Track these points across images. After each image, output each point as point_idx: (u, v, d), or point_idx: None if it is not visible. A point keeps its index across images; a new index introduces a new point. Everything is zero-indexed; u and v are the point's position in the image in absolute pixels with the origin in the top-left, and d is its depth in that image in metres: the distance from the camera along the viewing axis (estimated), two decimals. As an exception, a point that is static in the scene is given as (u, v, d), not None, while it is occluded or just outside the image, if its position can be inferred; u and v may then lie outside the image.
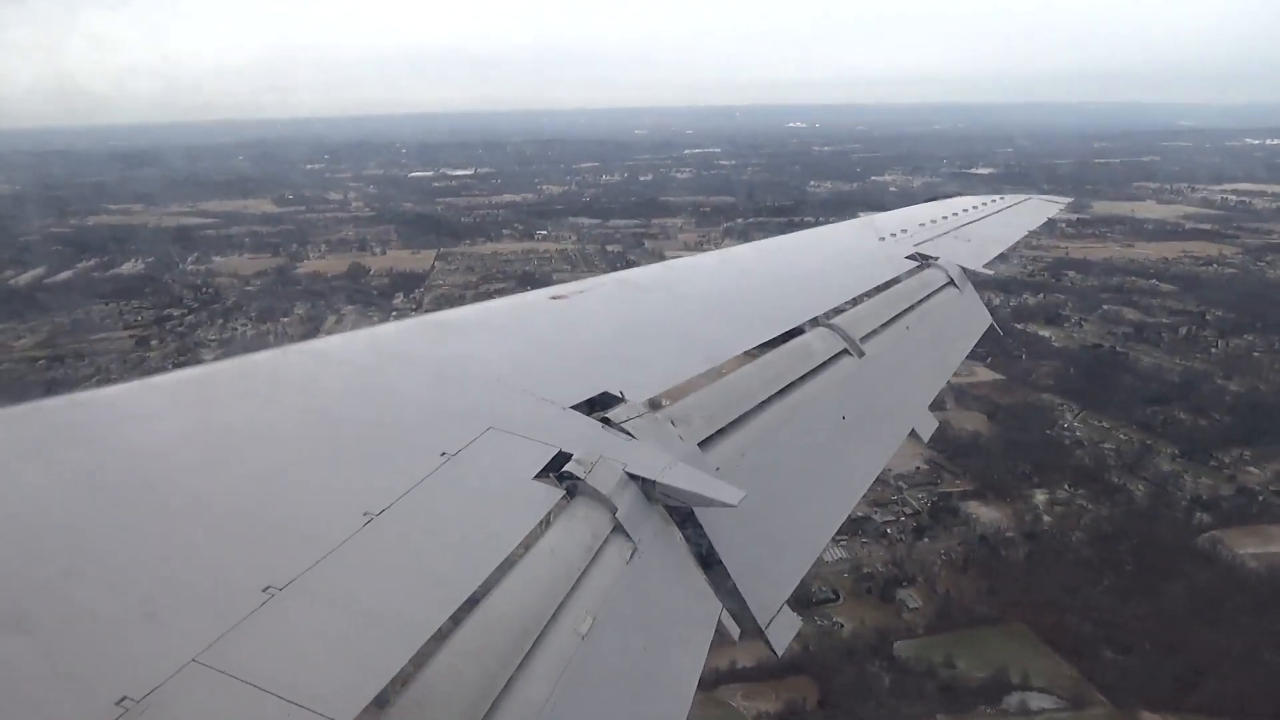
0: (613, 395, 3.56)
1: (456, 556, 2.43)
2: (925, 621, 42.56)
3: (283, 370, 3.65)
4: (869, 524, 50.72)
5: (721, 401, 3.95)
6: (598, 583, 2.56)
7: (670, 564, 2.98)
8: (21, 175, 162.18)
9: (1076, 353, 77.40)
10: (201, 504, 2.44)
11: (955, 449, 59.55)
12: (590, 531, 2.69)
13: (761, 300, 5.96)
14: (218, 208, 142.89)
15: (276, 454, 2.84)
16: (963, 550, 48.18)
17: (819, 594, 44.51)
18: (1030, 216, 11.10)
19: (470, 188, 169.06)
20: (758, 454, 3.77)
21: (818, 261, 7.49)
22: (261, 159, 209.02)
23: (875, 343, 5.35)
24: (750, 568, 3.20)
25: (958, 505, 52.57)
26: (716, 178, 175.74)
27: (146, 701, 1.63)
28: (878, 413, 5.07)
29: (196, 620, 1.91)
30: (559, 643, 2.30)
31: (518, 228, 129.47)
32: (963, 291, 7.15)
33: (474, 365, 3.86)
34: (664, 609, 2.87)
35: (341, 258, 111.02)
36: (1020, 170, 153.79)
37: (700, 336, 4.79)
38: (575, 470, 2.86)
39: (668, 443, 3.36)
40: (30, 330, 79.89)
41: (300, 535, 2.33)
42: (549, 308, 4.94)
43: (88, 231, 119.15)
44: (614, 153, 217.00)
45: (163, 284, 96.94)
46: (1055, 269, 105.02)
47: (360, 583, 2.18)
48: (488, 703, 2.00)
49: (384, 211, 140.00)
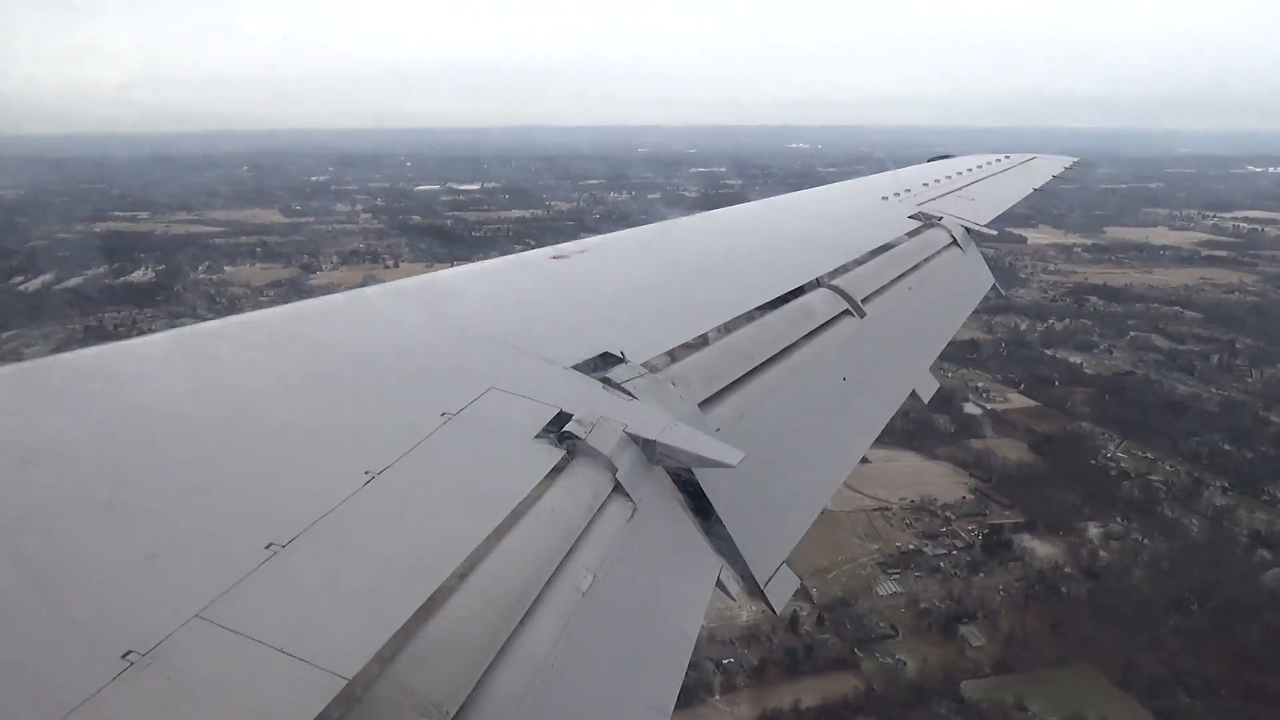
0: (613, 355, 3.52)
1: (458, 515, 2.42)
2: (990, 660, 40.97)
3: (284, 328, 3.57)
4: (921, 557, 49.27)
5: (722, 362, 3.92)
6: (598, 541, 2.56)
7: (670, 523, 2.98)
8: (25, 181, 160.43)
9: (1110, 380, 76.12)
10: (204, 461, 2.43)
11: (1001, 479, 58.18)
12: (591, 491, 2.69)
13: (763, 260, 5.88)
14: (224, 216, 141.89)
15: (278, 412, 2.80)
16: (1021, 586, 46.62)
17: (877, 629, 42.92)
18: (1035, 175, 10.82)
19: (479, 202, 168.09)
20: (758, 415, 3.75)
21: (820, 221, 7.35)
22: (266, 169, 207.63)
23: (877, 303, 5.30)
24: (749, 527, 3.17)
25: (1010, 538, 51.07)
26: (725, 196, 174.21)
27: (152, 655, 1.65)
28: (879, 374, 5.02)
29: (200, 576, 1.92)
30: (560, 599, 2.30)
31: (530, 243, 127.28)
32: (966, 251, 7.00)
33: (475, 325, 3.84)
34: (664, 567, 2.86)
35: (354, 269, 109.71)
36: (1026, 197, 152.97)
37: (701, 297, 4.73)
38: (576, 430, 2.83)
39: (668, 403, 3.34)
40: (42, 337, 78.03)
41: (302, 493, 2.31)
42: (550, 267, 4.89)
43: (95, 238, 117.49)
44: (620, 170, 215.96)
45: (175, 292, 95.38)
46: (1077, 294, 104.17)
47: (362, 540, 2.18)
48: (489, 657, 2.02)
49: (394, 224, 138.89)
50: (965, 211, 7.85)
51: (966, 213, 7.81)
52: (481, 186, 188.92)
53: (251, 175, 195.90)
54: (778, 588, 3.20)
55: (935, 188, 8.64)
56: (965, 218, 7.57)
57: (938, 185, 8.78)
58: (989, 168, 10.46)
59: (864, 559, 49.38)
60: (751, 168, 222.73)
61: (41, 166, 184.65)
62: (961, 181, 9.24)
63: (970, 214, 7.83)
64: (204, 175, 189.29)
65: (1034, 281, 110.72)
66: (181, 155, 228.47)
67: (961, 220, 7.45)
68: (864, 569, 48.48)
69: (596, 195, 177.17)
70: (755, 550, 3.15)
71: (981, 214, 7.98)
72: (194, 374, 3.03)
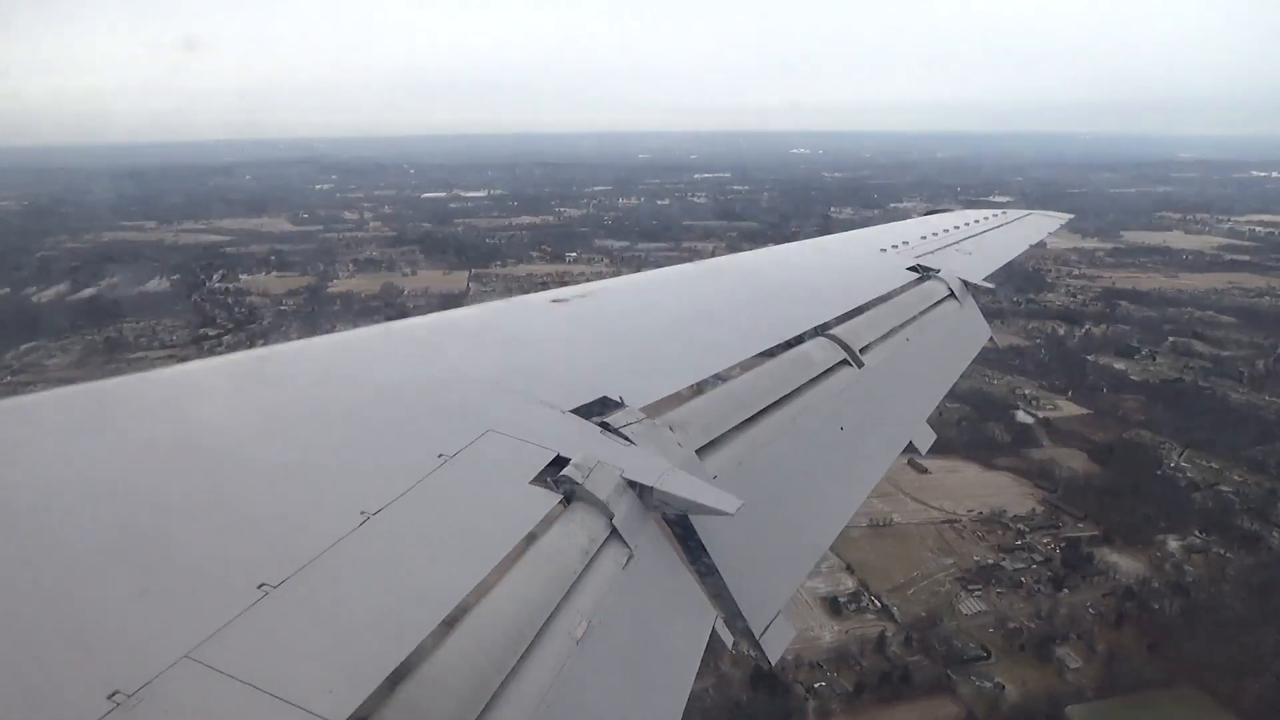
0: (612, 400, 3.52)
1: (452, 558, 2.39)
2: (1091, 683, 39.09)
3: (281, 368, 3.56)
4: (1000, 571, 47.45)
5: (720, 409, 3.92)
6: (593, 588, 2.53)
7: (666, 571, 2.96)
8: (26, 192, 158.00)
9: (1158, 387, 74.64)
10: (197, 500, 2.43)
11: (1067, 489, 56.47)
12: (587, 536, 2.67)
13: (762, 308, 5.87)
14: (233, 225, 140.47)
15: (273, 451, 2.79)
16: (1110, 603, 44.78)
17: (969, 651, 41.03)
18: (1031, 230, 10.87)
19: (487, 209, 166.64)
20: (756, 462, 3.74)
21: (819, 271, 7.44)
22: (269, 177, 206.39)
23: (875, 354, 5.29)
24: (746, 576, 3.17)
25: (1089, 552, 49.26)
26: (734, 202, 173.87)
27: (138, 696, 1.64)
28: (876, 424, 4.99)
29: (190, 616, 1.90)
30: (553, 647, 2.28)
31: (545, 250, 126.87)
32: (963, 304, 7.05)
33: (473, 367, 3.83)
34: (659, 615, 2.85)
35: (371, 277, 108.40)
36: (1040, 198, 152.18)
37: (700, 343, 4.74)
38: (573, 474, 2.83)
39: (666, 449, 3.34)
40: (61, 349, 76.01)
41: (296, 533, 2.29)
42: (549, 311, 4.87)
43: (104, 248, 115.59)
44: (625, 176, 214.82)
45: (193, 302, 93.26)
46: (1107, 298, 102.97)
47: (355, 582, 2.16)
48: (482, 704, 2.01)
49: (405, 232, 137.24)
50: (962, 265, 7.83)
51: (963, 266, 7.76)
52: (488, 193, 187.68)
53: (255, 184, 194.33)
54: (773, 638, 3.16)
55: (932, 241, 8.64)
56: (962, 271, 7.54)
57: (935, 239, 8.77)
58: (985, 222, 10.44)
59: (940, 574, 47.59)
60: (756, 173, 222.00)
61: (40, 177, 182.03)
62: (958, 235, 9.26)
63: (967, 267, 7.77)
64: (207, 184, 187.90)
65: (1060, 286, 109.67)
66: (180, 165, 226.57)
67: (958, 273, 7.41)
68: (942, 585, 46.65)
69: (605, 201, 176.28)
70: (751, 600, 3.13)
71: (978, 268, 7.92)
72: (188, 412, 3.01)
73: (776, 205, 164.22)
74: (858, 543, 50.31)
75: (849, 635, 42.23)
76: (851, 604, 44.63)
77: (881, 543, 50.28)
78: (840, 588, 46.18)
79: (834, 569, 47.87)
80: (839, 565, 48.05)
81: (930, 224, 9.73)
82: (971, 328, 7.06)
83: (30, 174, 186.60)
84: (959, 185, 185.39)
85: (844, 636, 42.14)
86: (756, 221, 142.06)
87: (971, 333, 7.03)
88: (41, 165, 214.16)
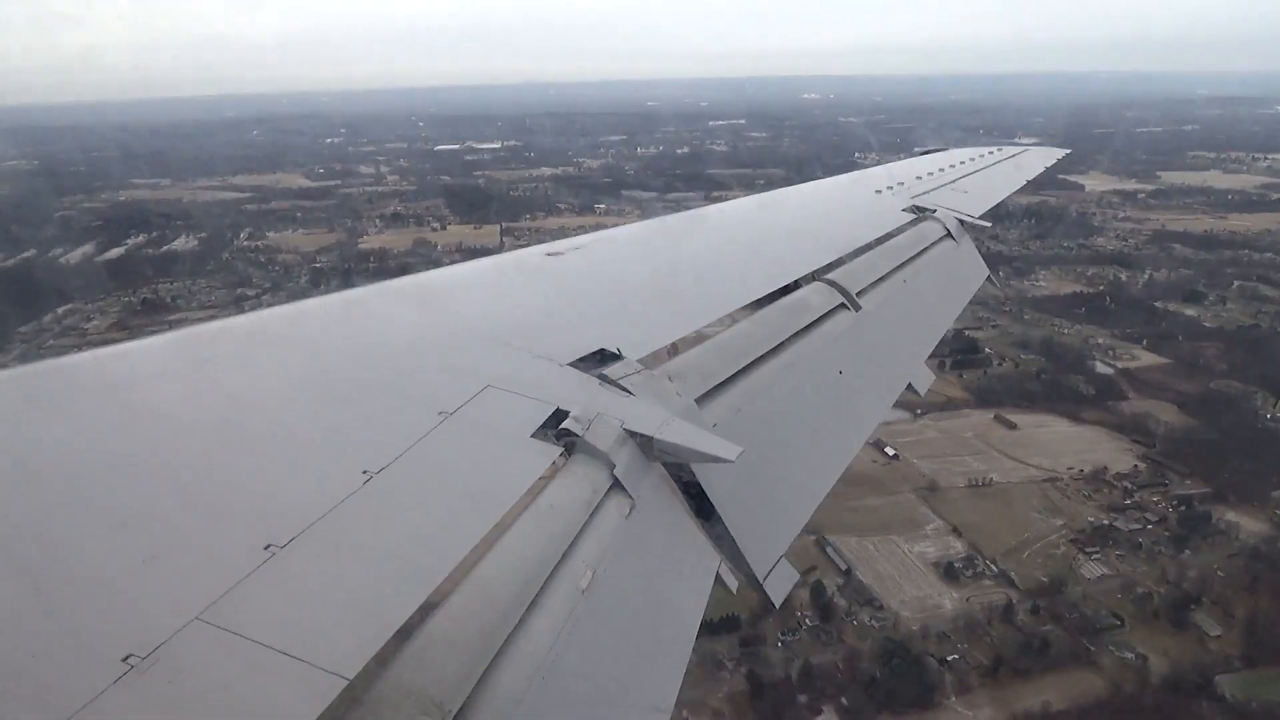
0: (610, 352, 3.51)
1: (456, 514, 2.40)
2: (1236, 652, 37.10)
3: (280, 329, 3.57)
4: (1115, 533, 45.36)
5: (718, 357, 3.92)
6: (597, 538, 2.55)
7: (668, 519, 2.97)
8: (34, 151, 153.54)
9: (1234, 334, 72.14)
10: (202, 463, 2.43)
11: (1167, 444, 54.20)
12: (589, 488, 2.69)
13: (758, 255, 5.86)
14: (247, 181, 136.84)
15: (275, 413, 2.79)
16: (1239, 565, 42.67)
17: (1101, 619, 39.06)
18: (1028, 166, 10.79)
19: (504, 161, 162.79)
20: (755, 409, 3.73)
21: (814, 215, 7.36)
22: (276, 132, 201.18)
23: (872, 296, 5.28)
24: (748, 522, 3.17)
25: (1205, 510, 47.11)
26: (755, 149, 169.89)
27: (152, 658, 1.67)
28: (875, 367, 4.98)
29: (199, 578, 1.92)
30: (559, 597, 2.30)
31: (572, 201, 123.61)
32: (960, 243, 7.00)
33: (471, 323, 3.83)
34: (663, 563, 2.86)
35: (400, 233, 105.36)
36: (1067, 140, 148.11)
37: (697, 292, 4.72)
38: (573, 427, 2.84)
39: (665, 399, 3.34)
40: (99, 311, 73.36)
41: (300, 494, 2.31)
42: (545, 265, 4.86)
43: (123, 207, 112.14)
44: (637, 125, 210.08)
45: (224, 261, 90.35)
46: (1159, 242, 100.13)
47: (361, 540, 2.18)
48: (490, 656, 2.03)
49: (425, 186, 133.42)
50: (959, 204, 7.82)
51: (960, 205, 7.76)
52: (502, 145, 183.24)
53: (263, 139, 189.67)
54: (777, 582, 3.16)
55: (928, 180, 8.59)
56: (959, 210, 7.55)
57: (931, 178, 8.71)
58: (981, 160, 10.34)
59: (1053, 536, 45.60)
60: (770, 120, 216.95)
61: (39, 135, 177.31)
62: (954, 174, 9.20)
63: (964, 206, 7.75)
64: (214, 140, 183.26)
65: (1109, 229, 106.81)
66: (184, 121, 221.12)
67: (955, 212, 7.40)
68: (1056, 547, 44.66)
69: (623, 151, 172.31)
70: (754, 545, 3.13)
71: (974, 206, 7.92)
72: (191, 375, 2.99)
73: (798, 151, 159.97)
74: (959, 503, 48.38)
75: (971, 603, 40.28)
76: (967, 569, 42.71)
77: (984, 503, 48.27)
78: (950, 551, 44.27)
79: (940, 531, 46.00)
80: (945, 528, 46.17)
81: (926, 164, 9.60)
82: (969, 267, 7.03)
83: (28, 133, 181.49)
84: (980, 127, 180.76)
85: (966, 605, 40.20)
86: (782, 168, 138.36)
87: (969, 272, 6.99)
88: (36, 124, 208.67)
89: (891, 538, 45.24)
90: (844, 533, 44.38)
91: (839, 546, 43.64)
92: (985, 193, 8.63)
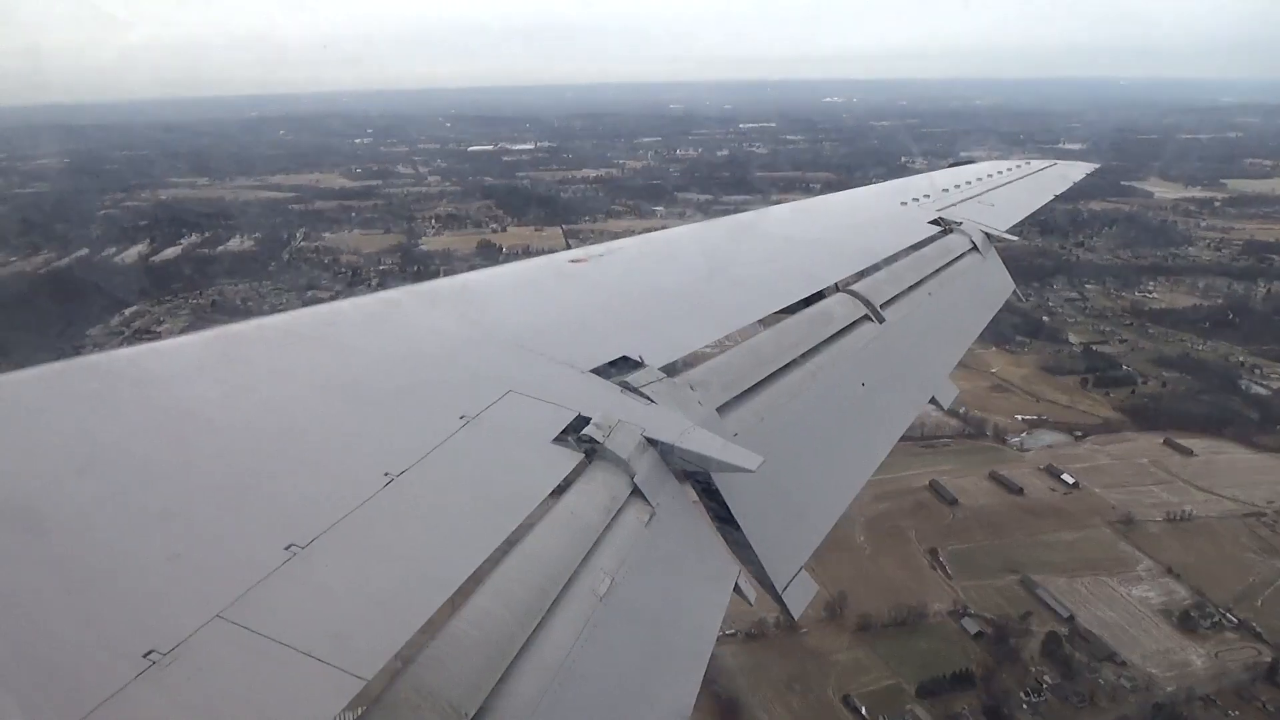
0: (632, 359, 3.50)
1: (476, 518, 2.41)
2: None
3: (306, 332, 3.52)
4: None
5: (741, 367, 3.89)
6: (616, 545, 2.54)
7: (688, 527, 2.95)
8: (61, 150, 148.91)
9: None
10: (225, 462, 2.45)
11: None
12: (609, 494, 2.67)
13: (782, 265, 5.77)
14: (286, 181, 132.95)
15: (299, 414, 2.80)
16: None
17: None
18: (1055, 181, 10.37)
19: (543, 162, 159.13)
20: (776, 420, 3.70)
21: (839, 226, 7.20)
22: (304, 132, 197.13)
23: (896, 309, 5.19)
24: (768, 532, 3.16)
25: None
26: (797, 152, 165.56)
27: (173, 654, 1.68)
28: (898, 380, 4.88)
29: (221, 577, 1.94)
30: (577, 603, 2.30)
31: (627, 203, 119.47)
32: (985, 257, 6.86)
33: (494, 329, 3.81)
34: (681, 571, 2.85)
35: (460, 235, 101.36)
36: (1111, 146, 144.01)
37: (720, 301, 4.67)
38: (594, 434, 2.83)
39: (687, 407, 3.32)
40: (168, 313, 69.14)
41: (322, 495, 2.33)
42: (568, 271, 4.80)
43: (165, 207, 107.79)
44: (667, 127, 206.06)
45: (287, 263, 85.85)
46: (1257, 253, 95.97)
47: (381, 542, 2.20)
48: (508, 660, 2.04)
49: (469, 187, 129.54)
50: (985, 217, 7.52)
51: (986, 218, 7.49)
52: (536, 146, 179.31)
53: (293, 139, 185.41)
54: (796, 593, 3.15)
55: (955, 193, 8.28)
56: (985, 223, 7.27)
57: (958, 191, 8.42)
58: (1010, 173, 10.00)
59: (1279, 580, 40.74)
60: (800, 122, 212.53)
61: (67, 134, 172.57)
62: (981, 187, 8.92)
63: (990, 220, 7.48)
64: (245, 140, 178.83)
65: (1198, 239, 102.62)
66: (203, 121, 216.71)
67: (981, 226, 7.15)
68: (1289, 591, 39.83)
69: (662, 153, 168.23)
70: (774, 555, 3.12)
71: (1001, 220, 7.63)
72: (216, 376, 3.01)
73: (844, 154, 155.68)
74: (1162, 540, 43.77)
75: (1222, 659, 35.47)
76: (1203, 619, 37.86)
77: (1190, 539, 43.67)
78: (1175, 596, 39.71)
79: (1153, 572, 41.35)
80: (1157, 568, 41.46)
81: (953, 176, 9.33)
82: (994, 281, 6.89)
83: (56, 131, 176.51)
84: (1020, 133, 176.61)
85: (1214, 661, 35.39)
86: (828, 170, 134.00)
87: (994, 286, 6.86)
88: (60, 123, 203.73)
89: (1101, 578, 40.74)
90: (1047, 572, 39.98)
91: (1049, 588, 38.92)
92: (1012, 207, 8.42)
